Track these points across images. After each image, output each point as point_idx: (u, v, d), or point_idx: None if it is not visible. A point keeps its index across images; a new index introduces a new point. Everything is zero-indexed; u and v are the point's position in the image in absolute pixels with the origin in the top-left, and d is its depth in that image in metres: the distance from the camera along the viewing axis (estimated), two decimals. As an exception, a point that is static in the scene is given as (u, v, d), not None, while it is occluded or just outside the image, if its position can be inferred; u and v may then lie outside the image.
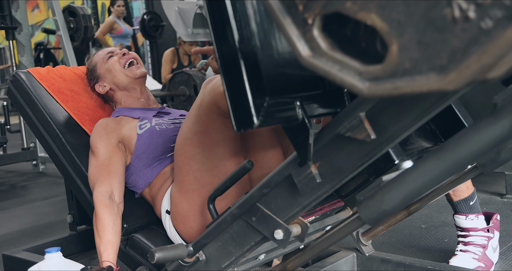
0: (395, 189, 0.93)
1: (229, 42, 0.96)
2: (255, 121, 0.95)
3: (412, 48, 0.63)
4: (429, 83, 0.61)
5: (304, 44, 0.72)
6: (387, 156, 1.08)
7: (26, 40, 4.37)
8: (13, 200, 3.58)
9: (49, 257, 1.45)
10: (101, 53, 1.95)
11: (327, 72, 0.70)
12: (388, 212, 0.96)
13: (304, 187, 1.08)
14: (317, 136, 1.04)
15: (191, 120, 1.45)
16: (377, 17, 0.64)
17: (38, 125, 1.87)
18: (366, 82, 0.67)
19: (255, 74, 0.96)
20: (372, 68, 0.67)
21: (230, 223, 1.25)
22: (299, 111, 1.00)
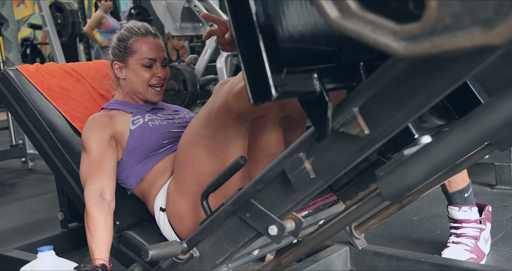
0: (419, 163, 0.89)
1: (245, 12, 0.92)
2: (274, 93, 0.91)
3: (453, 2, 0.59)
4: (473, 38, 0.57)
5: (332, 5, 0.69)
6: (406, 131, 1.05)
7: (13, 36, 4.32)
8: (3, 197, 3.55)
9: (42, 256, 1.44)
10: (145, 49, 1.75)
11: (359, 33, 0.67)
12: (411, 187, 0.91)
13: (298, 183, 1.09)
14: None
15: (200, 123, 1.43)
16: None
17: (28, 123, 1.86)
18: (402, 42, 0.63)
19: (272, 44, 0.92)
20: (409, 27, 0.63)
21: (224, 219, 1.24)
22: (317, 83, 0.97)
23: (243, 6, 0.91)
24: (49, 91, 1.93)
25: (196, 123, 1.45)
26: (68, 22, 4.15)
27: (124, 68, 1.78)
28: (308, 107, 0.99)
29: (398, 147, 1.09)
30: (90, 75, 2.10)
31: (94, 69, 2.13)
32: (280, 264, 1.22)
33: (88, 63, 2.18)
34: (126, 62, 1.77)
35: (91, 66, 2.15)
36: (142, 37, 1.76)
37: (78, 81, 2.05)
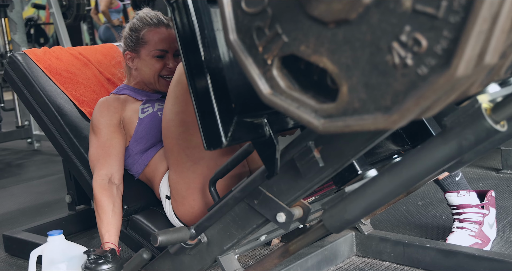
0: (356, 201, 1.03)
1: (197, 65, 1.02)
2: (224, 141, 1.02)
3: (360, 90, 0.69)
4: (376, 122, 0.68)
5: (265, 82, 0.78)
6: (351, 167, 1.15)
7: (18, 18, 4.31)
8: (10, 178, 3.58)
9: (52, 240, 1.46)
10: (157, 39, 1.72)
11: (286, 109, 0.77)
12: (351, 221, 1.06)
13: (306, 171, 1.10)
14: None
15: (170, 102, 1.48)
16: (328, 60, 0.71)
17: (36, 107, 1.86)
18: (321, 119, 0.73)
19: (223, 96, 1.02)
20: (326, 106, 0.73)
21: (232, 206, 1.26)
22: (266, 128, 1.06)
23: (196, 62, 1.02)
24: (56, 75, 1.93)
25: (167, 104, 1.49)
26: (73, 4, 4.14)
27: (135, 59, 1.76)
28: (259, 148, 1.09)
29: (344, 181, 1.18)
30: (97, 59, 2.10)
31: (101, 53, 2.13)
32: (288, 251, 1.23)
33: (95, 47, 2.17)
34: (138, 53, 1.75)
35: (98, 50, 2.15)
36: (155, 27, 1.73)
37: (85, 65, 2.05)
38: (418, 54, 0.64)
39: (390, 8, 0.66)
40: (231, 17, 0.79)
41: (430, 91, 0.64)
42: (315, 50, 0.72)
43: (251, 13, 0.77)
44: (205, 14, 1.04)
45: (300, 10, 0.72)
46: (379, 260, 1.74)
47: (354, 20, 0.68)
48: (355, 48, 0.69)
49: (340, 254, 1.76)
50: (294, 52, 0.74)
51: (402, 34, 0.65)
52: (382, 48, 0.67)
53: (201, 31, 1.03)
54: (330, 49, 0.71)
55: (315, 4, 0.70)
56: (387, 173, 1.02)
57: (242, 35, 0.79)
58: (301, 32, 0.73)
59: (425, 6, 0.63)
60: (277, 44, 0.75)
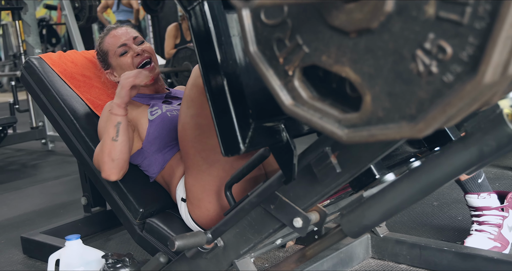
0: (375, 206, 1.03)
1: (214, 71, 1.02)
2: (242, 148, 1.02)
3: (383, 99, 0.68)
4: (401, 131, 0.67)
5: (287, 93, 0.78)
6: (368, 171, 1.14)
7: (32, 20, 4.33)
8: (25, 179, 3.60)
9: (70, 245, 1.47)
10: (113, 42, 1.82)
11: (309, 119, 0.76)
12: (369, 226, 1.06)
13: (323, 177, 1.09)
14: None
15: (185, 105, 1.50)
16: (350, 70, 0.71)
17: (52, 111, 1.87)
18: (345, 129, 0.73)
19: (240, 101, 1.02)
20: (350, 116, 0.73)
21: (248, 211, 1.26)
22: (284, 133, 1.06)
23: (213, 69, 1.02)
24: (72, 79, 1.94)
25: (183, 107, 1.52)
26: (85, 6, 4.15)
27: (113, 71, 1.86)
28: (276, 153, 1.09)
29: (362, 185, 1.17)
30: (111, 62, 2.10)
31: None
32: (305, 256, 1.23)
33: (109, 50, 2.18)
34: (110, 65, 1.85)
35: (112, 53, 2.15)
36: (106, 36, 1.86)
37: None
38: (443, 62, 0.63)
39: (412, 15, 0.65)
40: (251, 29, 0.79)
41: (457, 99, 0.63)
42: (337, 60, 0.72)
43: (270, 24, 0.77)
44: (221, 20, 1.04)
45: (320, 20, 0.72)
46: (395, 263, 1.74)
47: (376, 29, 0.68)
48: (377, 57, 0.68)
49: (356, 256, 1.75)
50: (315, 62, 0.74)
51: (426, 42, 0.64)
52: (405, 56, 0.66)
53: (218, 38, 1.03)
54: (352, 59, 0.70)
55: (336, 14, 0.70)
56: (406, 179, 1.02)
57: (262, 47, 0.79)
58: (322, 43, 0.73)
59: (449, 13, 0.62)
60: (298, 55, 0.75)
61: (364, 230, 1.08)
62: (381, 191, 1.05)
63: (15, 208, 2.89)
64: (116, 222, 2.23)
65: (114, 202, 1.75)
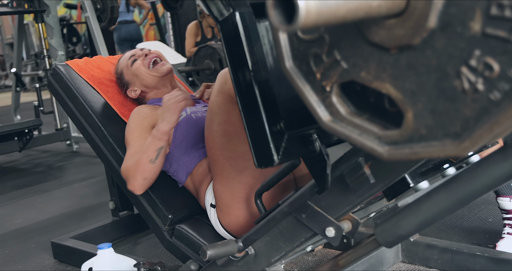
0: (410, 216, 1.01)
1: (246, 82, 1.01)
2: (276, 160, 1.01)
3: (426, 116, 0.67)
4: (445, 149, 0.66)
5: (324, 109, 0.77)
6: (402, 180, 1.12)
7: (55, 22, 4.37)
8: (52, 181, 3.64)
9: (102, 253, 1.48)
10: (124, 60, 1.92)
11: (348, 136, 0.75)
12: (404, 237, 1.04)
13: (357, 187, 1.08)
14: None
15: (212, 112, 1.50)
16: (391, 86, 0.69)
17: (80, 118, 1.89)
18: (386, 146, 0.72)
19: (273, 112, 1.01)
20: (391, 133, 0.71)
21: (279, 220, 1.25)
22: (317, 143, 1.05)
23: (245, 79, 1.01)
24: (100, 84, 1.96)
25: (209, 114, 1.51)
26: (107, 7, 4.18)
27: (132, 86, 1.91)
28: (309, 163, 1.07)
29: (395, 194, 1.15)
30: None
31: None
32: (337, 265, 1.22)
33: (134, 55, 2.19)
34: (127, 82, 1.91)
35: (137, 58, 2.16)
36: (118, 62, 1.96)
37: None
38: (490, 79, 0.62)
39: (457, 32, 0.63)
40: (287, 44, 0.78)
41: (505, 117, 0.61)
42: (377, 76, 0.70)
43: (307, 40, 0.76)
44: (253, 30, 1.03)
45: (359, 36, 0.71)
46: (426, 267, 1.72)
47: (418, 45, 0.66)
48: (419, 73, 0.67)
49: (386, 261, 1.74)
50: (354, 78, 0.73)
51: (472, 59, 0.63)
52: (449, 73, 0.65)
53: (250, 48, 1.02)
54: (393, 75, 0.69)
55: (375, 30, 0.69)
56: (443, 189, 0.99)
57: (299, 62, 0.78)
58: (361, 58, 0.71)
59: (496, 29, 0.60)
60: (336, 70, 0.74)
61: (399, 240, 1.07)
62: (416, 201, 1.03)
63: (44, 211, 2.92)
64: (144, 226, 2.24)
65: (143, 208, 1.76)
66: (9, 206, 3.11)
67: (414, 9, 0.64)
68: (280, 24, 0.58)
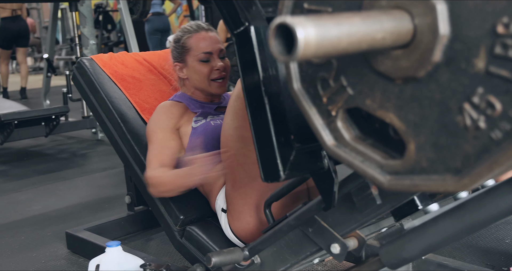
0: (415, 240, 1.00)
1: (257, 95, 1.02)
2: (282, 176, 1.00)
3: (428, 149, 0.66)
4: (445, 184, 0.65)
5: (329, 133, 0.77)
6: (411, 201, 1.09)
7: (88, 12, 4.43)
8: (74, 169, 3.70)
9: (110, 251, 1.50)
10: (200, 44, 1.76)
11: (350, 162, 0.75)
12: (408, 260, 1.03)
13: (363, 207, 1.08)
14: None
15: (229, 117, 1.49)
16: (395, 116, 0.69)
17: (101, 113, 1.91)
18: (387, 176, 0.71)
19: (283, 127, 1.01)
20: (393, 163, 0.71)
21: (286, 232, 1.25)
22: (325, 160, 1.04)
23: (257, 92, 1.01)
24: (122, 81, 1.98)
25: (226, 119, 1.50)
26: (140, 0, 4.22)
27: (184, 68, 1.80)
28: (317, 180, 1.07)
29: (403, 215, 1.12)
30: (160, 65, 2.13)
31: (164, 59, 2.15)
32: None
33: (158, 53, 2.20)
34: (185, 62, 1.79)
35: (161, 56, 2.18)
36: (194, 33, 1.78)
37: (150, 71, 2.08)
38: (492, 118, 0.61)
39: (461, 68, 0.63)
40: (295, 66, 0.78)
41: (504, 157, 0.60)
42: (381, 105, 0.70)
43: (316, 63, 0.76)
44: (267, 45, 1.03)
45: (366, 64, 0.70)
46: (435, 285, 1.70)
47: (422, 78, 0.66)
48: (423, 106, 0.66)
49: (395, 276, 1.72)
50: (359, 105, 0.72)
51: (474, 96, 0.62)
52: (452, 108, 0.64)
53: (263, 62, 1.02)
54: (397, 105, 0.68)
55: (381, 60, 0.68)
56: (449, 216, 0.98)
57: (307, 85, 0.77)
58: (366, 86, 0.71)
59: (499, 68, 0.60)
60: (342, 96, 0.74)
61: (403, 263, 1.06)
62: (422, 225, 1.02)
63: (63, 199, 2.97)
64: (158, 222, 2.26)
65: (156, 207, 1.78)
66: (31, 191, 3.18)
67: (420, 42, 0.64)
68: (280, 55, 0.58)
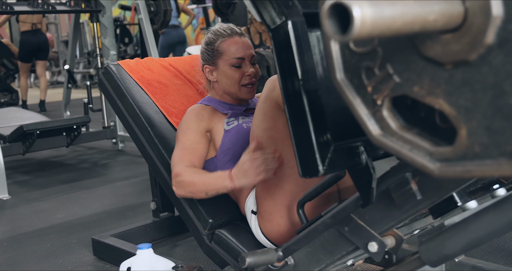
0: (457, 236, 0.98)
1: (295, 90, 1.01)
2: (321, 170, 0.99)
3: (481, 133, 0.65)
4: (500, 169, 0.63)
5: (374, 123, 0.76)
6: (450, 198, 1.07)
7: (109, 23, 4.48)
8: (95, 178, 3.72)
9: (141, 254, 1.49)
10: (233, 49, 1.75)
11: (398, 151, 0.73)
12: (449, 257, 1.01)
13: (402, 203, 1.06)
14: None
15: (258, 119, 1.50)
16: (445, 102, 0.67)
17: (128, 117, 1.92)
18: (437, 163, 0.69)
19: (321, 122, 1.00)
20: (443, 149, 0.69)
21: (321, 231, 1.23)
22: (363, 156, 1.03)
23: (294, 88, 1.00)
24: (148, 86, 1.99)
25: (255, 120, 1.52)
26: (161, 10, 4.25)
27: (214, 71, 1.79)
28: (354, 176, 1.06)
29: (441, 212, 1.11)
30: (186, 70, 2.14)
31: (190, 65, 2.17)
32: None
33: (183, 58, 2.21)
34: (216, 65, 1.78)
35: (186, 61, 2.19)
36: (228, 37, 1.77)
37: (176, 77, 2.09)
38: None
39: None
40: (338, 56, 0.77)
41: None
42: (430, 91, 0.68)
43: (359, 52, 0.75)
44: (304, 39, 1.02)
45: (413, 50, 0.69)
46: (469, 289, 1.66)
47: (474, 62, 0.64)
48: (475, 90, 0.65)
49: (428, 279, 1.69)
50: (406, 93, 0.71)
51: (530, 77, 0.61)
52: (506, 91, 0.62)
53: (300, 57, 1.01)
54: (447, 91, 0.67)
55: (430, 44, 0.67)
56: (492, 210, 0.96)
57: (350, 75, 0.76)
58: (414, 73, 0.70)
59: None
60: (387, 84, 0.72)
61: (444, 260, 1.04)
62: (464, 221, 1.00)
63: (86, 207, 2.98)
64: (184, 228, 2.26)
65: (184, 211, 1.77)
66: (54, 199, 3.19)
67: (471, 24, 0.62)
68: (334, 34, 0.58)
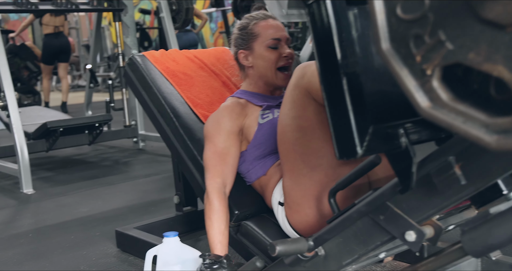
0: (505, 225, 0.92)
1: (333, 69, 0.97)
2: (359, 152, 0.95)
3: None
4: None
5: (423, 95, 0.70)
6: (495, 186, 1.02)
7: (131, 22, 4.49)
8: (117, 175, 3.71)
9: (167, 241, 1.46)
10: (269, 31, 1.71)
11: (450, 124, 0.68)
12: (495, 247, 0.96)
13: (445, 188, 1.01)
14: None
15: (287, 107, 1.46)
16: (505, 69, 0.62)
17: (152, 108, 1.90)
18: (494, 135, 0.65)
19: (359, 103, 0.96)
20: (501, 120, 0.64)
21: (355, 220, 1.19)
22: (403, 139, 0.98)
23: (332, 66, 0.96)
24: (173, 77, 1.96)
25: (284, 109, 1.47)
26: (182, 9, 4.25)
27: (250, 55, 1.74)
28: (393, 160, 1.00)
29: (485, 201, 1.06)
30: (211, 62, 2.11)
31: (214, 57, 2.14)
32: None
33: (208, 51, 2.19)
34: (251, 48, 1.73)
35: (211, 54, 2.16)
36: (262, 20, 1.74)
37: (201, 68, 2.06)
38: None
39: None
40: (384, 25, 0.72)
41: None
42: (488, 57, 0.64)
43: (408, 20, 0.70)
44: (343, 16, 0.98)
45: (469, 13, 0.64)
46: (505, 288, 1.60)
47: (539, 23, 0.60)
48: None
49: (462, 277, 1.63)
50: (460, 60, 0.66)
51: None
52: None
53: (339, 35, 0.97)
54: (507, 56, 0.62)
55: (490, 5, 0.62)
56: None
57: (397, 44, 0.72)
58: (469, 38, 0.65)
59: None
60: (439, 52, 0.68)
61: (488, 250, 0.98)
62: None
63: (109, 202, 2.97)
64: (207, 223, 2.23)
65: (209, 202, 1.73)
66: (77, 195, 3.19)
67: (540, -20, 0.58)
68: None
